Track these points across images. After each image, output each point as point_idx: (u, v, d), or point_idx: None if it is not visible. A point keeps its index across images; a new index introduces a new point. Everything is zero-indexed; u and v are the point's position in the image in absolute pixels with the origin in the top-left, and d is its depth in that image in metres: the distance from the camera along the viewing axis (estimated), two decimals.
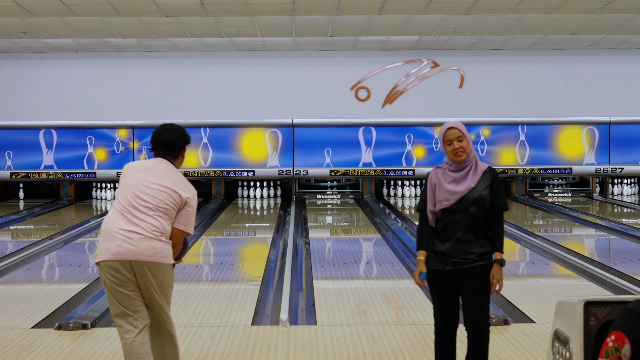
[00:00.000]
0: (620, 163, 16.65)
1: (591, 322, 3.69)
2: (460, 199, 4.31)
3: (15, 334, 5.98)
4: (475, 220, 4.32)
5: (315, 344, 5.67)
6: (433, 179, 4.42)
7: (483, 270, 4.33)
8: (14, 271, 8.81)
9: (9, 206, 15.75)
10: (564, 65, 16.63)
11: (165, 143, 4.48)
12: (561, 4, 11.59)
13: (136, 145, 16.23)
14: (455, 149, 4.36)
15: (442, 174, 4.41)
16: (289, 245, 10.28)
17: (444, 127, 4.42)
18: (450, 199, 4.32)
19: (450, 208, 4.33)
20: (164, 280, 4.30)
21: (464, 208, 4.31)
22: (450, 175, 4.38)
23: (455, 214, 4.32)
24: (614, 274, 8.11)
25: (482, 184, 4.36)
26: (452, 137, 4.38)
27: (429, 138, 16.44)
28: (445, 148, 4.41)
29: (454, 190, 4.33)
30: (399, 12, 12.17)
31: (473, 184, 4.33)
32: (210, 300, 7.20)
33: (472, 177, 4.36)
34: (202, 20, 12.69)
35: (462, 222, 4.32)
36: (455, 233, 4.33)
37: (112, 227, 4.28)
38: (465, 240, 4.31)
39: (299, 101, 16.46)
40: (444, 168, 4.44)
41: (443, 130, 4.42)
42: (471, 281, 4.31)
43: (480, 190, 4.33)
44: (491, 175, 4.40)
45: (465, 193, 4.32)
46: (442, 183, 4.36)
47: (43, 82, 16.37)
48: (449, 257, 4.33)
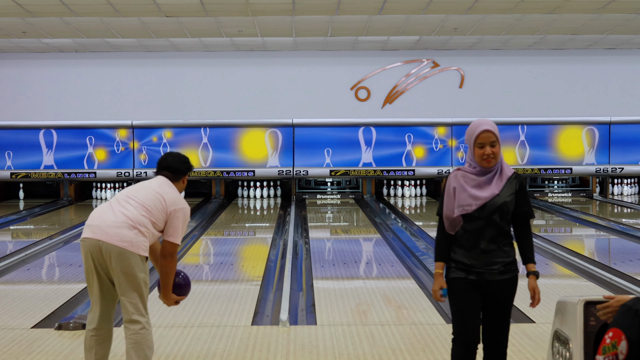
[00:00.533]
0: (620, 163, 16.65)
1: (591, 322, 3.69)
2: (482, 205, 3.99)
3: (15, 334, 5.98)
4: (499, 229, 4.01)
5: (315, 344, 5.67)
6: (452, 182, 4.08)
7: (508, 286, 4.06)
8: (14, 271, 8.81)
9: (9, 206, 15.75)
10: (564, 65, 16.63)
11: (168, 167, 4.82)
12: (561, 4, 11.59)
13: (136, 145, 16.23)
14: (486, 154, 4.01)
15: (463, 177, 4.06)
16: (289, 245, 10.28)
17: (478, 128, 4.03)
18: (473, 205, 3.99)
19: (472, 214, 4.00)
20: (130, 269, 4.47)
21: (486, 215, 4.00)
22: (473, 179, 4.04)
23: (477, 221, 4.00)
24: (614, 274, 8.11)
25: (507, 191, 4.03)
26: (485, 141, 4.01)
27: (429, 138, 16.44)
28: (474, 150, 4.03)
29: (477, 195, 4.00)
30: (399, 12, 12.18)
31: (497, 191, 4.01)
32: (210, 300, 7.20)
33: (496, 183, 4.03)
34: (202, 20, 12.69)
35: (485, 231, 4.01)
36: (477, 243, 4.01)
37: (94, 214, 4.65)
38: (488, 250, 4.01)
39: (299, 101, 16.46)
40: (465, 171, 4.09)
41: (476, 131, 4.02)
42: (495, 297, 4.04)
43: (504, 197, 4.01)
44: (517, 182, 4.07)
45: (489, 199, 3.99)
46: (465, 186, 4.03)
47: (43, 82, 16.36)
48: (471, 268, 4.02)
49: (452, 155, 16.46)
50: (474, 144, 4.03)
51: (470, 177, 4.05)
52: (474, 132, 4.03)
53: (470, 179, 4.05)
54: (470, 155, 4.08)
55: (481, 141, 4.01)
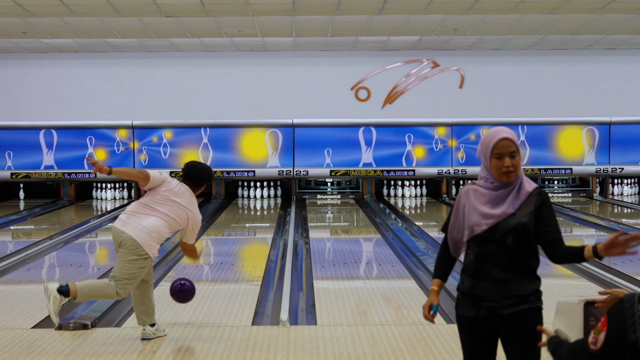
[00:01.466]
0: (621, 163, 16.65)
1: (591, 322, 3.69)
2: (494, 225, 3.41)
3: (15, 334, 5.98)
4: (514, 255, 3.40)
5: (315, 344, 5.67)
6: (462, 199, 3.56)
7: (527, 318, 3.39)
8: (14, 271, 8.81)
9: (9, 206, 15.75)
10: (564, 65, 16.63)
11: (193, 177, 5.99)
12: (561, 4, 11.59)
13: (136, 146, 16.24)
14: (506, 167, 3.44)
15: (475, 193, 3.52)
16: (289, 245, 10.28)
17: (495, 137, 3.47)
18: (482, 224, 3.43)
19: (481, 236, 3.43)
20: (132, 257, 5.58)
21: (498, 238, 3.40)
22: (486, 195, 3.48)
23: (488, 244, 3.42)
24: (614, 274, 8.11)
25: (525, 209, 3.42)
26: (504, 151, 3.45)
27: (429, 138, 16.45)
28: (490, 161, 3.47)
29: (488, 213, 3.44)
30: (399, 12, 12.18)
31: (512, 209, 3.42)
32: (211, 300, 7.20)
33: (512, 200, 3.45)
34: (202, 20, 12.69)
35: (497, 256, 3.40)
36: (488, 270, 3.42)
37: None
38: (501, 279, 3.40)
39: (299, 101, 16.46)
40: (479, 185, 3.54)
41: (493, 139, 3.47)
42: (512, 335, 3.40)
43: (520, 217, 3.40)
44: (539, 199, 3.45)
45: (502, 219, 3.41)
46: (475, 203, 3.49)
47: (43, 82, 16.37)
48: (481, 301, 3.43)
49: (452, 155, 16.47)
50: (490, 155, 3.47)
51: (483, 192, 3.50)
52: (491, 141, 3.47)
53: (483, 194, 3.50)
54: (486, 169, 3.51)
55: (499, 151, 3.45)
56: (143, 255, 5.62)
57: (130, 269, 5.59)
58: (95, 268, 9.27)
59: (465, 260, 3.52)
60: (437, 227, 12.55)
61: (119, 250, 5.65)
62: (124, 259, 5.60)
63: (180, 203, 5.82)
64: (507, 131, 3.51)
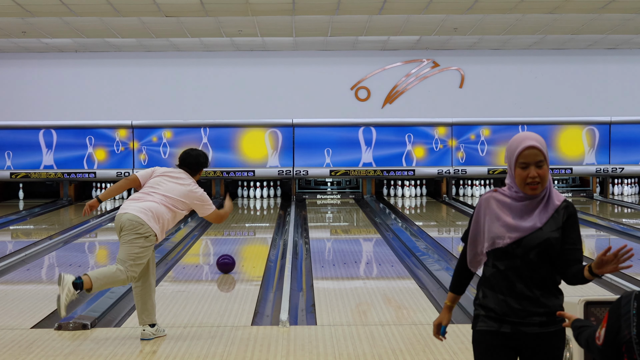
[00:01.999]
0: (621, 163, 16.65)
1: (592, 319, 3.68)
2: (519, 239, 3.16)
3: (15, 334, 5.97)
4: (538, 270, 3.17)
5: (315, 344, 5.66)
6: (483, 208, 3.28)
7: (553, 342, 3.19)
8: (14, 271, 8.81)
9: (8, 206, 15.74)
10: (564, 65, 16.63)
11: (189, 164, 6.06)
12: (561, 4, 11.59)
13: (136, 145, 16.23)
14: (532, 178, 3.17)
15: (497, 202, 3.24)
16: (289, 245, 10.28)
17: (521, 144, 3.19)
18: (506, 238, 3.17)
19: (505, 250, 3.18)
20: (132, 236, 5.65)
21: (521, 253, 3.16)
22: (511, 206, 3.21)
23: (512, 259, 3.17)
24: (614, 274, 8.11)
25: (552, 224, 3.17)
26: (530, 160, 3.17)
27: (429, 138, 16.44)
28: (515, 171, 3.19)
29: (513, 226, 3.17)
30: (399, 12, 12.17)
31: (540, 223, 3.16)
32: (210, 300, 7.20)
33: (540, 213, 3.18)
34: (202, 20, 12.68)
35: (521, 271, 3.17)
36: (513, 286, 3.18)
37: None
38: (527, 296, 3.17)
39: (299, 101, 16.46)
40: (503, 194, 3.26)
41: (518, 147, 3.19)
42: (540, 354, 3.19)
43: (548, 232, 3.15)
44: (566, 213, 3.19)
45: (528, 233, 3.15)
46: (499, 214, 3.21)
47: (43, 82, 16.36)
48: (504, 317, 3.19)
49: (452, 155, 16.47)
50: (515, 164, 3.18)
51: (507, 202, 3.22)
52: (516, 148, 3.19)
53: (507, 205, 3.22)
54: (511, 178, 3.24)
55: (524, 160, 3.16)
56: (142, 233, 5.65)
57: (133, 249, 5.63)
58: (94, 268, 9.25)
59: (486, 272, 3.26)
60: (437, 227, 12.57)
61: (120, 235, 5.71)
62: (125, 240, 5.66)
63: (175, 177, 5.92)
64: (535, 138, 3.19)
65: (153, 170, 6.00)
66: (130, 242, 5.65)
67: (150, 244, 5.72)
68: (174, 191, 5.85)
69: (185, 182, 5.93)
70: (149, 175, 5.96)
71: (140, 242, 5.66)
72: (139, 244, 5.65)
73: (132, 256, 5.63)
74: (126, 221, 5.67)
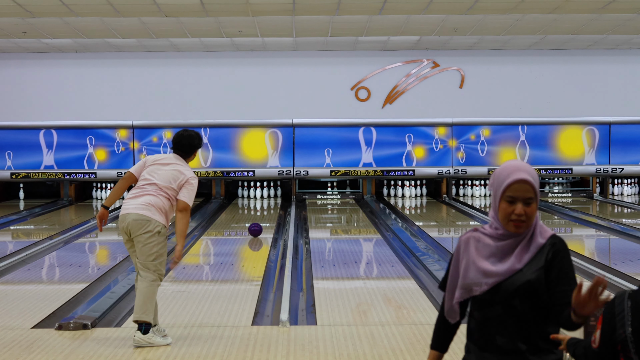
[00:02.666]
0: (621, 163, 16.65)
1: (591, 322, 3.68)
2: (496, 285, 2.77)
3: (15, 334, 5.98)
4: (524, 320, 2.76)
5: (316, 344, 5.67)
6: (462, 250, 2.90)
7: None
8: (14, 271, 8.81)
9: (9, 206, 15.75)
10: (564, 65, 16.63)
11: (182, 146, 5.94)
12: (561, 4, 11.59)
13: (136, 146, 16.23)
14: (517, 215, 2.77)
15: (477, 242, 2.86)
16: (289, 245, 10.28)
17: (510, 176, 2.79)
18: (482, 284, 2.79)
19: (482, 298, 2.80)
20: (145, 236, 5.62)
21: (501, 300, 2.77)
22: (490, 246, 2.82)
23: (491, 307, 2.79)
24: (614, 274, 8.11)
25: (534, 264, 2.76)
26: (518, 195, 2.77)
27: (429, 138, 16.44)
28: (499, 204, 2.80)
29: (489, 270, 2.78)
30: (399, 12, 12.18)
31: (520, 265, 2.76)
32: (211, 300, 7.20)
33: (520, 253, 2.79)
34: (202, 20, 12.69)
35: (504, 322, 2.77)
36: (492, 339, 2.79)
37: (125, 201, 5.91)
38: (510, 350, 2.77)
39: (299, 101, 16.46)
40: (484, 232, 2.87)
41: (508, 179, 2.79)
42: None
43: (529, 274, 2.75)
44: (552, 251, 2.77)
45: (507, 277, 2.76)
46: (474, 257, 2.83)
47: (43, 82, 16.37)
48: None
49: (452, 155, 16.47)
50: (501, 197, 2.79)
51: (486, 242, 2.84)
52: (505, 180, 2.79)
53: (486, 245, 2.83)
54: (494, 211, 2.85)
55: (513, 194, 2.77)
56: (152, 230, 5.62)
57: (152, 249, 5.61)
58: (95, 268, 9.27)
59: (469, 324, 2.88)
60: (437, 227, 12.57)
61: (132, 239, 5.66)
62: (140, 242, 5.61)
63: (165, 164, 5.82)
64: (527, 170, 2.79)
65: (145, 161, 5.92)
66: (145, 243, 5.61)
67: (163, 237, 5.69)
68: (166, 179, 5.76)
69: (176, 166, 5.82)
70: (142, 167, 5.89)
71: (155, 239, 5.63)
72: (155, 242, 5.62)
73: (152, 256, 5.63)
74: (132, 222, 5.63)
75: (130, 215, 5.64)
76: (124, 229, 5.69)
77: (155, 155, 6.03)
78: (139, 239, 5.62)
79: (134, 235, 5.64)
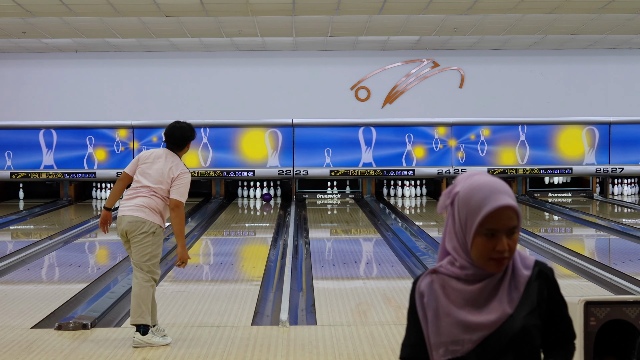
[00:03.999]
0: (621, 163, 16.65)
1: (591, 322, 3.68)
2: (484, 340, 2.12)
3: (15, 334, 5.97)
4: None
5: (315, 344, 5.66)
6: (424, 301, 2.19)
7: None
8: (14, 271, 8.81)
9: (9, 206, 15.74)
10: (564, 65, 16.63)
11: (175, 139, 5.88)
12: (561, 4, 11.59)
13: (136, 145, 16.23)
14: (499, 252, 2.10)
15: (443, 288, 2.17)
16: (289, 245, 10.28)
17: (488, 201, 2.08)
18: (465, 342, 2.12)
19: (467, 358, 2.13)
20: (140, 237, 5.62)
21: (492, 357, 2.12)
22: (464, 291, 2.14)
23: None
24: (614, 274, 8.11)
25: (526, 305, 2.15)
26: (500, 226, 2.09)
27: (429, 138, 16.44)
28: (474, 239, 2.10)
29: (473, 323, 2.11)
30: (399, 12, 12.17)
31: (510, 308, 2.13)
32: (210, 300, 7.20)
33: (508, 293, 2.15)
34: (202, 20, 12.68)
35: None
36: None
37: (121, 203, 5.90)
38: None
39: (299, 101, 16.46)
40: (447, 273, 2.17)
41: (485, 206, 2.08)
42: None
43: (523, 319, 2.13)
44: (544, 285, 2.20)
45: (497, 327, 2.12)
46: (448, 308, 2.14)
47: (43, 82, 16.36)
48: None
49: (452, 155, 16.47)
50: (475, 228, 2.10)
51: (456, 287, 2.15)
52: (481, 207, 2.09)
53: (457, 291, 2.14)
54: (462, 248, 2.14)
55: (493, 226, 2.09)
56: (147, 231, 5.64)
57: (145, 249, 5.62)
58: (95, 268, 9.26)
59: None
60: (437, 227, 12.57)
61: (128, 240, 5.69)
62: (135, 242, 5.64)
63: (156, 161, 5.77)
64: (508, 192, 2.12)
65: (138, 159, 5.87)
66: (139, 243, 5.64)
67: (159, 238, 5.71)
68: (156, 179, 5.71)
69: (166, 163, 5.76)
70: (136, 165, 5.85)
71: (150, 240, 5.63)
72: (149, 242, 5.63)
73: (146, 256, 5.63)
74: (127, 224, 5.65)
75: (125, 218, 5.68)
76: (121, 231, 5.72)
77: (146, 151, 5.96)
78: (134, 240, 5.65)
79: (130, 236, 5.67)
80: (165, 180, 5.72)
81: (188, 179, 5.77)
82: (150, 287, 5.63)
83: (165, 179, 5.72)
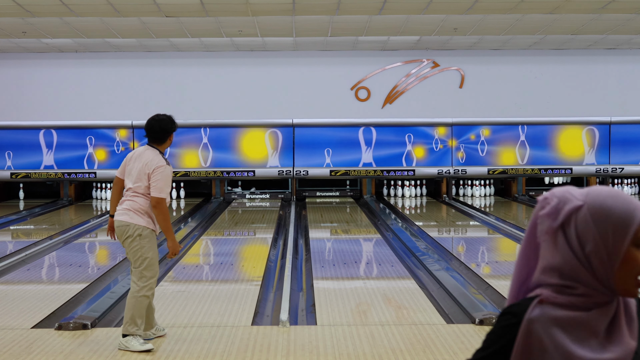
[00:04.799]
0: (621, 163, 16.65)
1: None
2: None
3: (15, 334, 5.98)
4: None
5: (315, 344, 5.67)
6: (542, 338, 1.73)
7: None
8: (14, 271, 8.81)
9: (9, 206, 15.74)
10: (564, 65, 16.63)
11: (155, 132, 5.82)
12: (561, 4, 11.59)
13: (136, 145, 16.22)
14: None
15: (559, 323, 1.73)
16: (289, 245, 10.28)
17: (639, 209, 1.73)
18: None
19: None
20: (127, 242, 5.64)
21: None
22: (583, 324, 1.74)
23: None
24: None
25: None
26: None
27: (429, 138, 16.44)
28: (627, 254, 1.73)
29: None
30: (399, 12, 12.18)
31: (634, 341, 1.77)
32: (210, 300, 7.20)
33: (627, 323, 1.79)
34: (202, 20, 12.69)
35: None
36: None
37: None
38: None
39: (299, 101, 16.46)
40: (558, 302, 1.76)
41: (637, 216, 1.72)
42: None
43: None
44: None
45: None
46: (570, 349, 1.71)
47: (43, 82, 16.37)
48: None
49: (452, 155, 16.47)
50: (631, 239, 1.74)
51: (575, 318, 1.74)
52: (633, 214, 1.74)
53: (577, 323, 1.74)
54: (603, 267, 1.74)
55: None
56: (132, 234, 5.64)
57: (136, 253, 5.62)
58: (95, 268, 9.27)
59: None
60: (437, 227, 12.57)
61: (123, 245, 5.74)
62: (126, 247, 5.67)
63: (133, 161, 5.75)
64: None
65: (124, 161, 5.85)
66: (127, 248, 5.68)
67: (147, 240, 5.66)
68: (135, 178, 5.67)
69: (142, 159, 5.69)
70: (124, 167, 5.84)
71: (137, 243, 5.63)
72: (137, 246, 5.63)
73: (138, 261, 5.64)
74: (116, 229, 5.71)
75: (115, 223, 5.74)
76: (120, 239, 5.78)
77: (132, 152, 5.93)
78: (124, 245, 5.71)
79: (120, 242, 5.74)
80: (142, 177, 5.65)
81: (166, 172, 5.65)
82: (141, 297, 5.57)
83: (142, 177, 5.66)
